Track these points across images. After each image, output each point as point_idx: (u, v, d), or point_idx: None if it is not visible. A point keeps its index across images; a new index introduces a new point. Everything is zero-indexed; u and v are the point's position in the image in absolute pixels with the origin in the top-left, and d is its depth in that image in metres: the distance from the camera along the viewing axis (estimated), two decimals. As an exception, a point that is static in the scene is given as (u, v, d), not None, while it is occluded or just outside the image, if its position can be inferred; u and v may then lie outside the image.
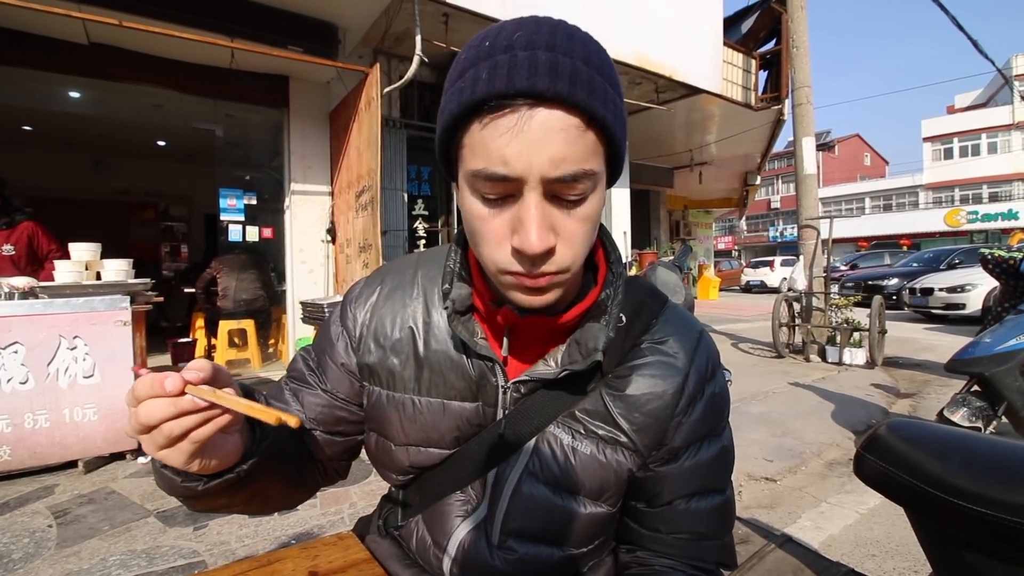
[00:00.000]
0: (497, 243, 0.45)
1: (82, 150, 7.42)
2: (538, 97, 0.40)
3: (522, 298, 0.48)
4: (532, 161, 0.41)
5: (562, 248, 0.45)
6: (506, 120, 0.41)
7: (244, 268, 4.81)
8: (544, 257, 0.44)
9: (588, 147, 0.43)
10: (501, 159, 0.41)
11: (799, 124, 5.97)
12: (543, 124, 0.41)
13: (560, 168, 0.41)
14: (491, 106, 0.41)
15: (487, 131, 0.42)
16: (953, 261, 10.59)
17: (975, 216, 23.23)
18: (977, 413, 2.54)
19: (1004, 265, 3.19)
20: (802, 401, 3.84)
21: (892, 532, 2.02)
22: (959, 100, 30.70)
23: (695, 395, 0.57)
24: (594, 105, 0.41)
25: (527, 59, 0.41)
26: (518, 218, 0.43)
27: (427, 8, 4.11)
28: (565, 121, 0.41)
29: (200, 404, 0.40)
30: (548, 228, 0.43)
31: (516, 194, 0.43)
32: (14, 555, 1.84)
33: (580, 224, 0.45)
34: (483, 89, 0.41)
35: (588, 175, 0.43)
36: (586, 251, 0.47)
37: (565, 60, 0.41)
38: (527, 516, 0.56)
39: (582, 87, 0.41)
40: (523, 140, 0.41)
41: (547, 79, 0.40)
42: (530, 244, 0.42)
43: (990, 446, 0.64)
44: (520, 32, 0.43)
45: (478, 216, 0.45)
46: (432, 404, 0.58)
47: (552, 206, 0.44)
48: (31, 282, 2.69)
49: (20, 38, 3.61)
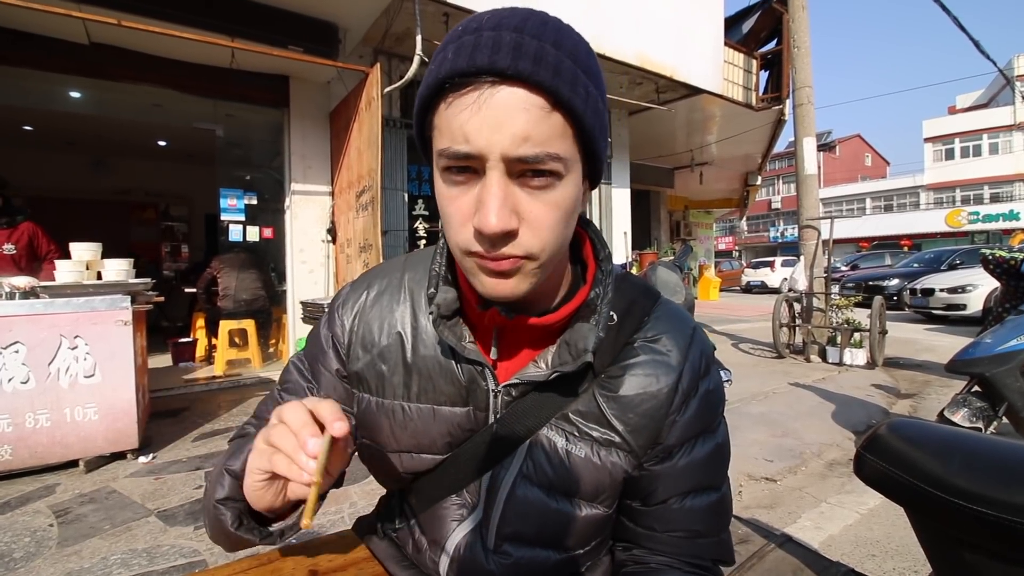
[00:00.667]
0: (461, 223, 0.44)
1: (82, 150, 7.42)
2: (499, 75, 0.40)
3: (487, 282, 0.46)
4: (492, 138, 0.40)
5: (526, 232, 0.43)
6: (468, 97, 0.41)
7: (244, 268, 4.81)
8: (504, 239, 0.43)
9: (554, 129, 0.42)
10: (463, 136, 0.41)
11: (800, 124, 5.97)
12: (504, 102, 0.40)
13: (522, 147, 0.41)
14: (454, 83, 0.41)
15: (451, 109, 0.42)
16: (954, 262, 10.59)
17: (976, 217, 23.21)
18: (978, 413, 2.54)
19: (1005, 266, 3.18)
20: (802, 401, 3.84)
21: (892, 532, 2.01)
22: (960, 100, 30.67)
23: (689, 393, 0.56)
24: (559, 86, 0.41)
25: (491, 38, 0.41)
26: (479, 197, 0.43)
27: (428, 8, 4.11)
28: (528, 101, 0.40)
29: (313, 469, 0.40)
30: (509, 209, 0.42)
31: (479, 173, 0.43)
32: (15, 554, 1.84)
33: (547, 210, 0.44)
34: (447, 68, 0.41)
35: (553, 158, 0.42)
36: (557, 241, 0.46)
37: (531, 41, 0.41)
38: (522, 520, 0.56)
39: (547, 67, 0.40)
40: (483, 116, 0.40)
41: (509, 57, 0.40)
42: (487, 223, 0.41)
43: (991, 446, 0.64)
44: (491, 16, 0.43)
45: (445, 196, 0.45)
46: (422, 410, 0.57)
47: (517, 188, 0.43)
48: (32, 282, 2.69)
49: (20, 38, 3.62)
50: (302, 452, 0.40)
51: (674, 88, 6.39)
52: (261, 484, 0.46)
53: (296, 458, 0.41)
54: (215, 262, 4.82)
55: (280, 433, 0.42)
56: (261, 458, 0.44)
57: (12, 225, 3.22)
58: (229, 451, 0.53)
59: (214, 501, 0.49)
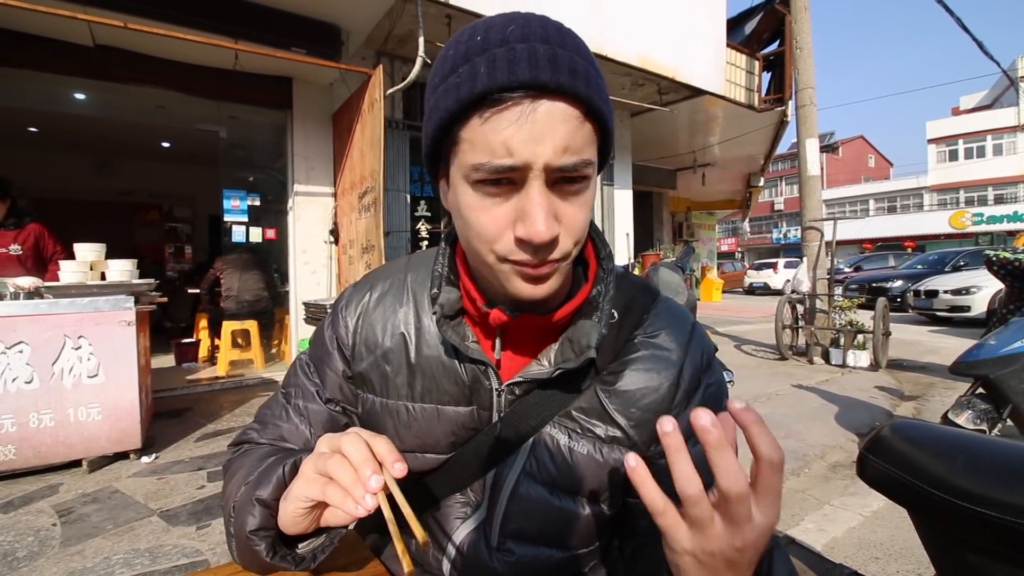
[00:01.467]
0: (498, 233, 0.45)
1: (87, 151, 7.46)
2: (541, 89, 0.41)
3: (523, 287, 0.47)
4: (537, 150, 0.41)
5: (564, 236, 0.45)
6: (510, 112, 0.41)
7: (247, 269, 4.82)
8: (550, 246, 0.44)
9: (587, 137, 0.44)
10: (506, 150, 0.41)
11: (803, 125, 5.96)
12: (548, 115, 0.41)
13: (563, 157, 0.42)
14: (493, 99, 0.41)
15: (489, 124, 0.42)
16: (958, 263, 10.54)
17: (980, 218, 23.11)
18: (982, 416, 2.52)
19: (1009, 267, 3.17)
20: (805, 403, 3.83)
21: (896, 534, 2.01)
22: (964, 102, 30.57)
23: (691, 387, 0.57)
24: (592, 96, 0.42)
25: (526, 51, 0.41)
26: (522, 208, 0.43)
27: (430, 10, 4.12)
28: (566, 112, 0.42)
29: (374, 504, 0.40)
30: (553, 217, 0.44)
31: (518, 184, 0.44)
32: (19, 553, 1.85)
33: (580, 212, 0.46)
34: (483, 83, 0.41)
35: (587, 164, 0.44)
36: (584, 239, 0.48)
37: (562, 52, 0.42)
38: (525, 517, 0.56)
39: (580, 78, 0.42)
40: (528, 131, 0.41)
41: (549, 71, 0.41)
42: (537, 233, 0.42)
43: (994, 448, 0.64)
44: (513, 26, 0.43)
45: (477, 208, 0.45)
46: (426, 410, 0.57)
47: (554, 195, 0.44)
48: (36, 282, 2.70)
49: (26, 40, 3.64)
50: (360, 486, 0.40)
51: (676, 89, 6.39)
52: (304, 512, 0.45)
53: (354, 491, 0.40)
54: (218, 263, 4.84)
55: (338, 465, 0.42)
56: (312, 487, 0.43)
57: (19, 226, 3.24)
58: (255, 480, 0.51)
59: (247, 532, 0.48)
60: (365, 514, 0.40)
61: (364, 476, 0.40)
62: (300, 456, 0.50)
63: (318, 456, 0.44)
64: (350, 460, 0.42)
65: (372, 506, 0.40)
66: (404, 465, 0.42)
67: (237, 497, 0.51)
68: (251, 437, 0.63)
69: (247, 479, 0.52)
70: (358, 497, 0.40)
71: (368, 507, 0.40)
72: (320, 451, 0.45)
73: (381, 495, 0.41)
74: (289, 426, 0.62)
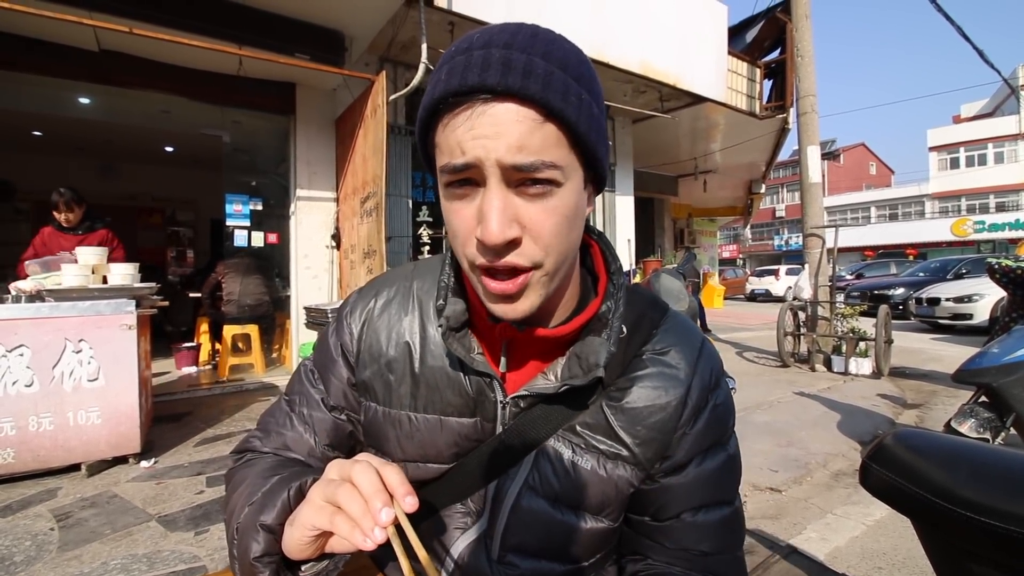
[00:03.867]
0: (466, 235, 0.45)
1: (91, 155, 7.50)
2: (490, 92, 0.41)
3: (495, 306, 0.47)
4: (487, 146, 0.41)
5: (528, 241, 0.44)
6: (462, 115, 0.42)
7: (249, 273, 4.83)
8: (507, 248, 0.43)
9: (548, 139, 0.42)
10: (460, 150, 0.42)
11: (804, 133, 5.97)
12: (496, 117, 0.41)
13: (517, 156, 0.41)
14: (449, 103, 0.42)
15: (448, 128, 0.43)
16: (960, 271, 10.51)
17: (982, 226, 23.10)
18: (985, 424, 2.51)
19: (1012, 275, 3.16)
20: (807, 411, 3.81)
21: (899, 544, 1.99)
22: (965, 110, 30.62)
23: (698, 406, 0.56)
24: (550, 98, 0.41)
25: (481, 57, 0.42)
26: (481, 208, 0.43)
27: (433, 17, 4.15)
28: (520, 114, 0.41)
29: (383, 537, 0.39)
30: (509, 218, 0.43)
31: (480, 183, 0.44)
32: (16, 558, 1.84)
33: (547, 216, 0.44)
34: (441, 89, 0.43)
35: (549, 166, 0.42)
36: (562, 248, 0.46)
37: (519, 56, 0.42)
38: (527, 531, 0.55)
39: (536, 80, 0.41)
40: (478, 131, 0.42)
41: (498, 74, 0.41)
42: (490, 233, 0.42)
43: (998, 457, 0.63)
44: (481, 34, 0.45)
45: (449, 210, 0.46)
46: (429, 421, 0.57)
47: (516, 197, 0.43)
48: (38, 285, 2.71)
49: (33, 45, 3.67)
50: (370, 518, 0.39)
51: (678, 96, 6.42)
52: (310, 539, 0.44)
53: (363, 523, 0.39)
54: (220, 266, 4.84)
55: (348, 494, 0.41)
56: (320, 516, 0.42)
57: (91, 230, 3.54)
58: (259, 502, 0.50)
59: (251, 559, 0.47)
60: (373, 547, 0.39)
61: (374, 508, 0.39)
62: (305, 479, 0.49)
63: (327, 483, 0.43)
64: (360, 490, 0.41)
65: (381, 539, 0.39)
66: (415, 500, 0.41)
67: (240, 519, 0.50)
68: (254, 446, 0.63)
69: (251, 499, 0.51)
70: (367, 529, 0.39)
71: (377, 540, 0.39)
72: (329, 478, 0.44)
73: (391, 529, 0.39)
74: (293, 434, 0.61)
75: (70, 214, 3.46)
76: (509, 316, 0.47)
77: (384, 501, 0.40)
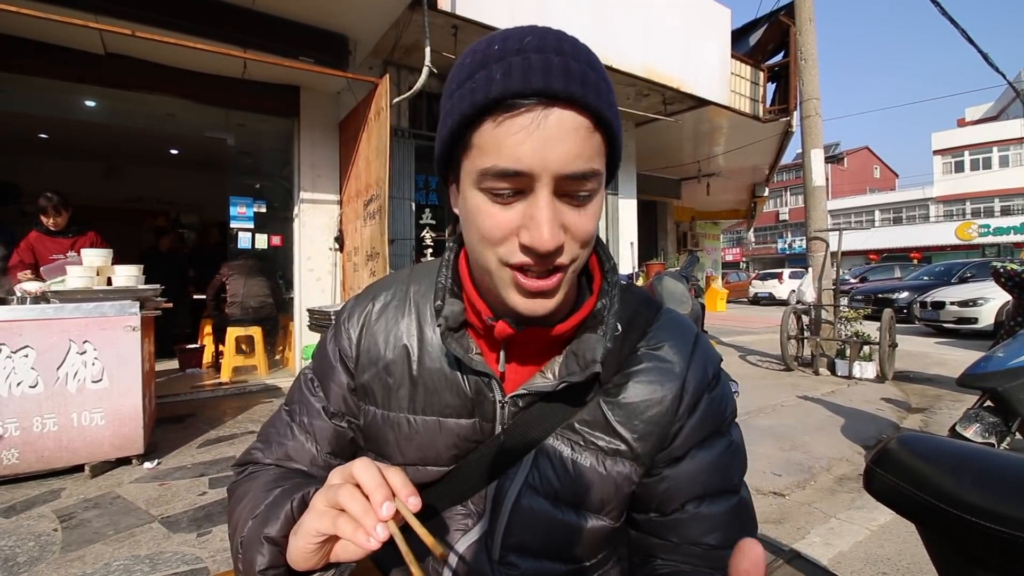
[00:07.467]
0: (503, 238, 0.45)
1: (96, 158, 7.54)
2: (552, 97, 0.42)
3: (521, 302, 0.47)
4: (546, 157, 0.42)
5: (570, 245, 0.46)
6: (521, 119, 0.42)
7: (252, 275, 4.85)
8: (554, 254, 0.45)
9: (595, 147, 0.44)
10: (515, 155, 0.42)
11: (808, 136, 5.97)
12: (558, 123, 0.42)
13: (572, 165, 0.43)
14: (506, 105, 0.42)
15: (501, 129, 0.42)
16: (965, 275, 10.47)
17: (987, 230, 23.00)
18: (990, 428, 2.49)
19: (1017, 279, 3.15)
20: (811, 415, 3.80)
21: (903, 549, 1.98)
22: (969, 113, 30.54)
23: (695, 398, 0.56)
24: (602, 107, 0.43)
25: (540, 61, 0.42)
26: (529, 215, 0.44)
27: (436, 20, 4.17)
28: (576, 121, 0.42)
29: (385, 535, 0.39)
30: (559, 225, 0.44)
31: (526, 191, 0.44)
32: (19, 558, 1.84)
33: (587, 220, 0.46)
34: (498, 88, 0.42)
35: (596, 174, 0.45)
36: (590, 248, 0.49)
37: (575, 64, 0.43)
38: (527, 530, 0.55)
39: (591, 89, 0.43)
40: (538, 138, 0.42)
41: (561, 80, 0.42)
42: (542, 241, 0.43)
43: (1004, 462, 0.63)
44: (530, 37, 0.44)
45: (484, 213, 0.45)
46: (428, 423, 0.57)
47: (562, 204, 0.45)
48: (43, 286, 2.72)
49: (39, 48, 3.70)
50: (371, 515, 0.39)
51: (681, 99, 6.42)
52: (314, 548, 0.44)
53: (364, 521, 0.39)
54: (224, 267, 4.86)
55: (349, 494, 0.41)
56: (323, 521, 0.42)
57: (79, 233, 3.61)
58: (263, 514, 0.50)
59: (256, 572, 0.47)
60: (377, 546, 0.39)
61: (376, 502, 0.39)
62: (308, 490, 0.49)
63: (329, 488, 0.43)
64: (362, 485, 0.41)
65: (384, 536, 0.39)
66: (419, 500, 0.41)
67: (245, 532, 0.50)
68: (256, 458, 0.63)
69: (254, 512, 0.51)
70: (369, 527, 0.39)
71: (380, 538, 0.39)
72: (331, 483, 0.44)
73: (393, 527, 0.39)
74: (295, 444, 0.61)
75: (58, 218, 3.50)
76: (539, 312, 0.48)
77: (386, 495, 0.40)
